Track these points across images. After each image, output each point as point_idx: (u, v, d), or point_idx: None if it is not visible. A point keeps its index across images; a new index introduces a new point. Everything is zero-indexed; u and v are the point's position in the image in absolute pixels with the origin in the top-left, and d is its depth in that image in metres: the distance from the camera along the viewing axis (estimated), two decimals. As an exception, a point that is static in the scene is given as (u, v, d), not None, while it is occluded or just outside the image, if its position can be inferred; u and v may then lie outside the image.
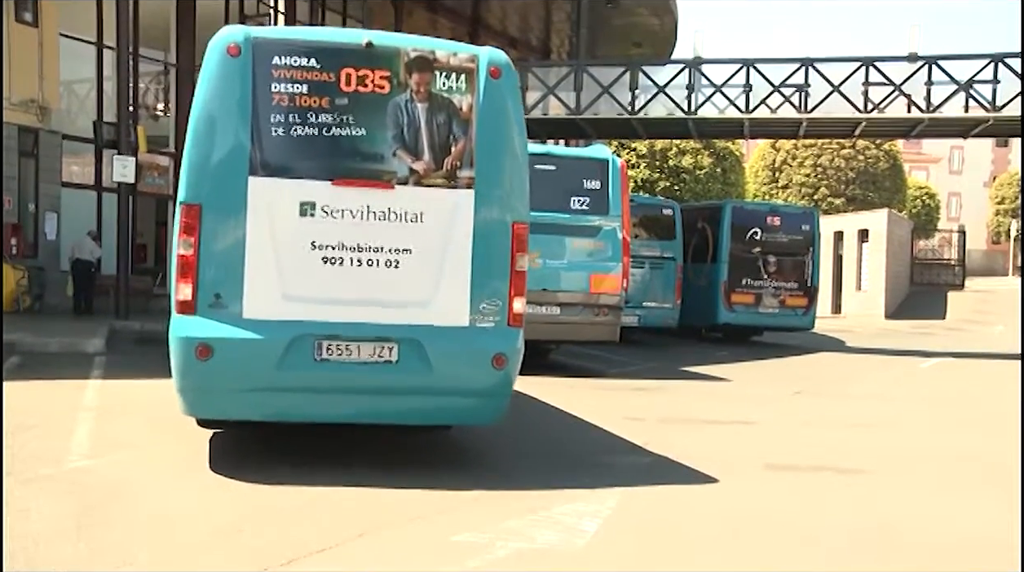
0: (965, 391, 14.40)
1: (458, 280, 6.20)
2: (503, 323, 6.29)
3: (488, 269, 6.25)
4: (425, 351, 6.10)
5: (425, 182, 6.17)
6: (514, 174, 6.35)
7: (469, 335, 6.21)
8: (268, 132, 6.00)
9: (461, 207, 6.20)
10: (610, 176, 13.68)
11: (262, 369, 5.92)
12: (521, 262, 6.31)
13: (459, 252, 6.20)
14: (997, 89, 21.01)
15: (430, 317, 6.16)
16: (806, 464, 7.60)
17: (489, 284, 6.25)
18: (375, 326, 6.07)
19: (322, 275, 6.02)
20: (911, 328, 28.96)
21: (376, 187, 6.10)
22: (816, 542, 5.31)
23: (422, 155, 6.18)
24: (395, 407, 6.23)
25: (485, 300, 6.23)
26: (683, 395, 12.05)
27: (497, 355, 6.20)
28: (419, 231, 6.15)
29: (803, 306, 21.25)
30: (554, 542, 4.98)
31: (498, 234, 6.27)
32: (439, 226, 6.17)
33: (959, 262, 40.98)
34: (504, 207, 6.29)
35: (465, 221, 6.20)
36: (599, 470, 6.91)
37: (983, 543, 5.44)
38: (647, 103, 22.95)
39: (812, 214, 22.36)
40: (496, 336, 6.25)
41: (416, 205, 6.14)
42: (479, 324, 6.23)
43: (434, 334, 6.13)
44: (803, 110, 22.21)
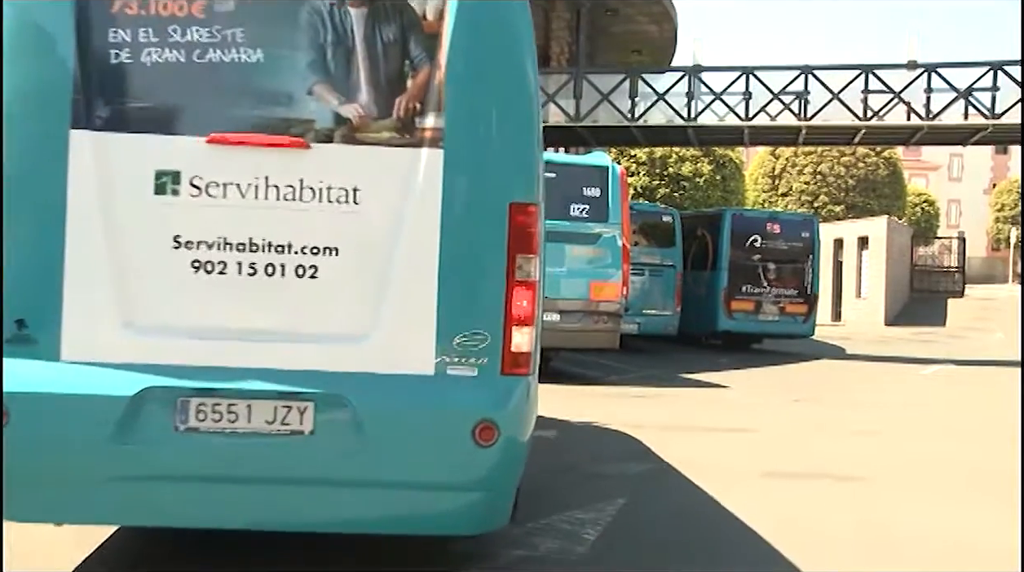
0: (965, 399, 14.39)
1: (416, 299, 3.88)
2: (493, 370, 3.91)
3: (467, 281, 3.94)
4: (358, 416, 3.80)
5: (362, 137, 3.92)
6: (515, 125, 4.00)
7: (434, 390, 3.86)
8: (104, 57, 3.84)
9: (422, 178, 3.89)
10: (610, 183, 13.70)
11: (89, 444, 3.76)
12: (526, 268, 3.97)
13: (418, 253, 3.88)
14: (996, 97, 21.03)
15: (368, 360, 3.86)
16: (806, 472, 7.59)
17: (469, 305, 3.93)
18: (276, 375, 3.83)
19: (190, 292, 3.84)
20: (911, 335, 28.96)
21: (280, 146, 3.86)
22: (816, 549, 5.31)
23: (357, 93, 3.93)
24: (313, 508, 3.90)
25: (462, 332, 3.89)
26: (683, 402, 12.05)
27: (482, 423, 3.83)
28: (352, 219, 3.88)
29: (803, 313, 21.24)
30: (554, 550, 4.98)
31: (485, 222, 3.95)
32: (385, 210, 3.89)
33: (959, 269, 40.95)
34: (496, 178, 3.95)
35: (428, 201, 3.88)
36: (599, 478, 6.91)
37: (982, 550, 5.44)
38: (647, 110, 22.96)
39: (812, 221, 22.36)
40: (480, 391, 3.89)
41: (347, 176, 3.89)
42: (452, 371, 3.89)
43: (374, 388, 3.84)
44: (802, 117, 22.23)
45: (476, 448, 3.85)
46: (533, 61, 4.12)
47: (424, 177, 3.90)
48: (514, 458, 4.05)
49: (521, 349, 3.98)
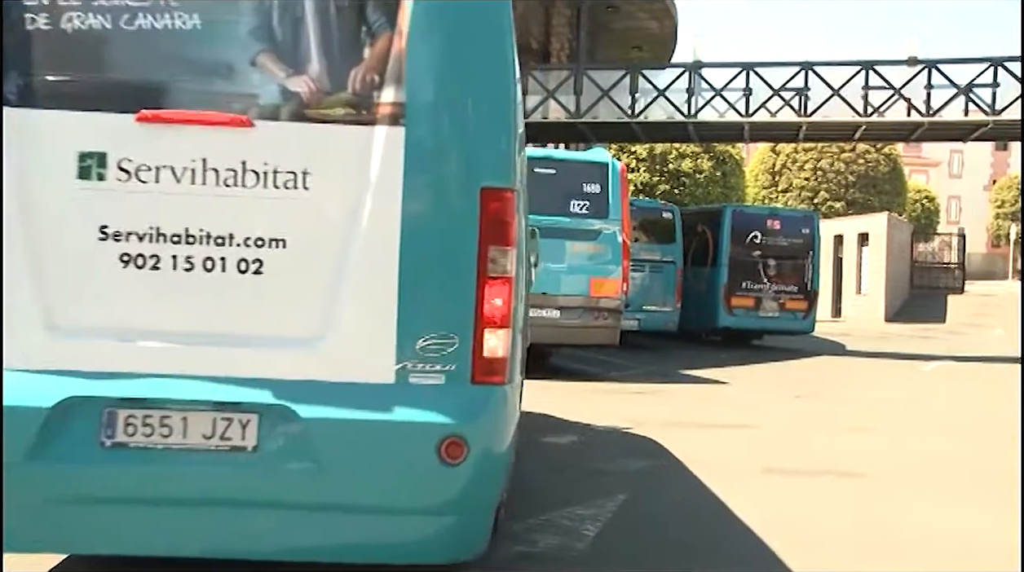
0: (965, 395, 14.40)
1: (373, 297, 3.47)
2: (462, 377, 3.48)
3: (432, 276, 3.51)
4: (307, 430, 3.41)
5: (312, 114, 3.49)
6: (488, 99, 3.56)
7: (394, 400, 3.45)
8: (18, 23, 3.44)
9: (380, 160, 3.46)
10: (610, 180, 13.69)
11: (5, 462, 3.31)
12: (501, 262, 3.52)
13: (376, 244, 3.46)
14: (997, 93, 21.02)
15: (319, 367, 3.46)
16: (806, 468, 7.59)
17: (434, 305, 3.50)
18: (216, 383, 3.43)
19: (119, 289, 3.43)
20: (911, 331, 28.96)
21: (219, 125, 3.45)
22: (817, 546, 5.31)
23: (307, 64, 3.51)
24: (265, 534, 3.50)
25: (427, 335, 3.47)
26: (683, 399, 12.05)
27: (449, 439, 3.41)
28: (301, 206, 3.46)
29: (803, 310, 21.24)
30: (554, 546, 4.98)
31: (452, 210, 3.52)
32: (338, 196, 3.47)
33: (959, 265, 40.95)
34: (465, 159, 3.52)
35: (388, 186, 3.45)
36: (599, 474, 6.91)
37: (982, 548, 5.44)
38: (647, 107, 22.95)
39: (812, 218, 22.35)
40: (447, 402, 3.46)
41: (295, 158, 3.47)
42: (415, 379, 3.46)
43: (325, 398, 3.43)
44: (803, 114, 22.22)
45: (442, 467, 3.41)
46: (510, 27, 3.65)
47: (383, 158, 3.45)
48: (489, 478, 3.59)
49: (495, 354, 3.52)
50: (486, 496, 3.66)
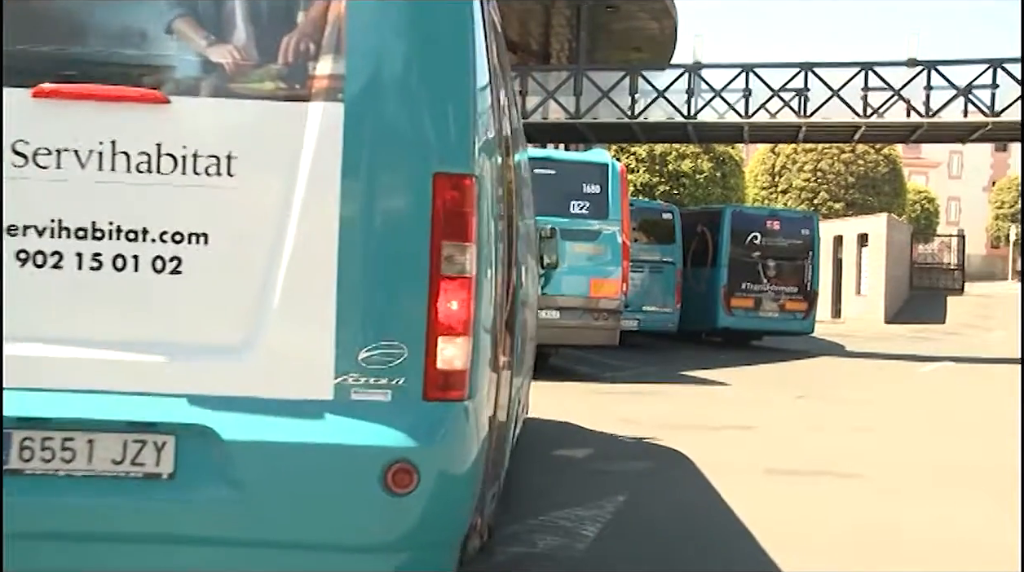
0: (965, 396, 14.40)
1: (309, 301, 3.00)
2: (412, 393, 3.00)
3: (376, 276, 3.03)
4: (231, 454, 2.95)
5: (237, 88, 3.05)
6: (442, 70, 3.08)
7: (332, 420, 2.98)
8: None
9: (316, 141, 2.99)
10: (609, 180, 13.71)
11: None
12: (458, 260, 3.02)
13: (312, 239, 3.00)
14: (996, 94, 21.03)
15: (246, 381, 3.00)
16: (806, 469, 7.60)
17: (379, 309, 3.03)
18: (127, 400, 2.98)
19: (16, 291, 2.98)
20: (910, 332, 28.97)
21: (130, 101, 2.98)
22: (817, 546, 5.31)
23: (231, 31, 3.08)
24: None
25: (370, 344, 2.99)
26: (682, 399, 12.06)
27: (396, 464, 2.93)
28: (225, 196, 3.00)
29: (803, 310, 21.26)
30: (554, 546, 4.98)
31: (400, 199, 3.05)
32: (268, 184, 3.01)
33: (958, 266, 40.96)
34: (415, 140, 3.03)
35: (324, 171, 2.99)
36: (598, 475, 6.91)
37: (982, 548, 5.44)
38: (647, 107, 22.96)
39: (812, 218, 22.39)
40: (394, 422, 2.97)
41: (218, 139, 3.00)
42: (357, 395, 2.99)
43: (252, 418, 2.98)
44: (802, 115, 22.23)
45: (388, 497, 2.91)
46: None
47: (319, 139, 2.97)
48: (447, 509, 3.07)
49: (452, 366, 3.01)
50: (445, 530, 3.13)
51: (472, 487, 3.21)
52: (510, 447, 5.15)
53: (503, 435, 4.18)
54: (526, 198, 6.29)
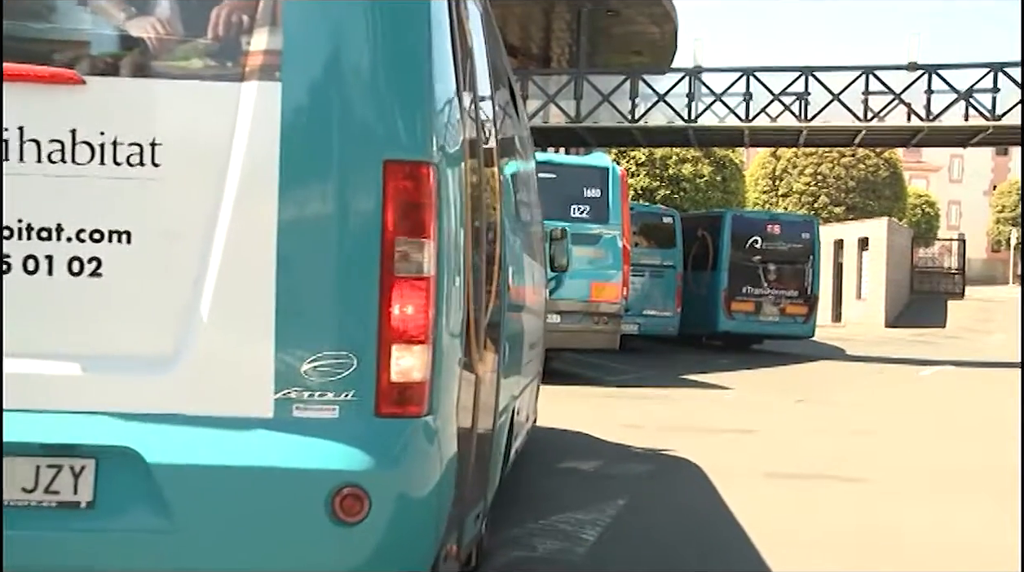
0: (965, 400, 14.39)
1: (244, 306, 2.70)
2: (362, 408, 2.69)
3: (320, 278, 2.73)
4: (158, 480, 2.63)
5: (162, 67, 2.74)
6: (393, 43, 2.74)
7: (271, 440, 2.67)
8: None
9: (250, 126, 2.68)
10: (610, 184, 13.71)
11: None
12: (415, 259, 2.70)
13: (247, 236, 2.69)
14: (997, 98, 21.04)
15: (175, 397, 2.68)
16: (807, 472, 7.59)
17: (323, 315, 2.73)
18: (40, 420, 2.65)
19: None
20: (911, 336, 28.96)
21: (39, 81, 2.64)
22: (817, 550, 5.30)
23: (152, 4, 2.79)
24: None
25: (314, 354, 2.68)
26: (683, 403, 12.05)
27: (343, 489, 2.62)
28: (149, 189, 2.68)
29: (803, 314, 21.25)
30: (554, 550, 4.97)
31: (347, 192, 2.72)
32: (198, 175, 2.70)
33: (959, 270, 40.98)
34: (362, 123, 2.71)
35: (260, 159, 2.67)
36: (599, 478, 6.91)
37: (982, 551, 5.43)
38: (647, 111, 22.96)
39: (812, 223, 22.40)
40: (342, 441, 2.67)
41: (141, 125, 2.68)
42: (300, 412, 2.68)
43: (181, 438, 2.66)
44: (803, 119, 22.22)
45: (336, 526, 2.61)
46: None
47: (254, 123, 2.66)
48: (405, 538, 2.73)
49: (410, 377, 2.69)
50: (405, 561, 2.78)
51: (435, 512, 2.83)
52: (504, 460, 4.81)
53: (488, 450, 3.85)
54: (526, 197, 6.06)
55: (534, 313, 6.14)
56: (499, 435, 4.25)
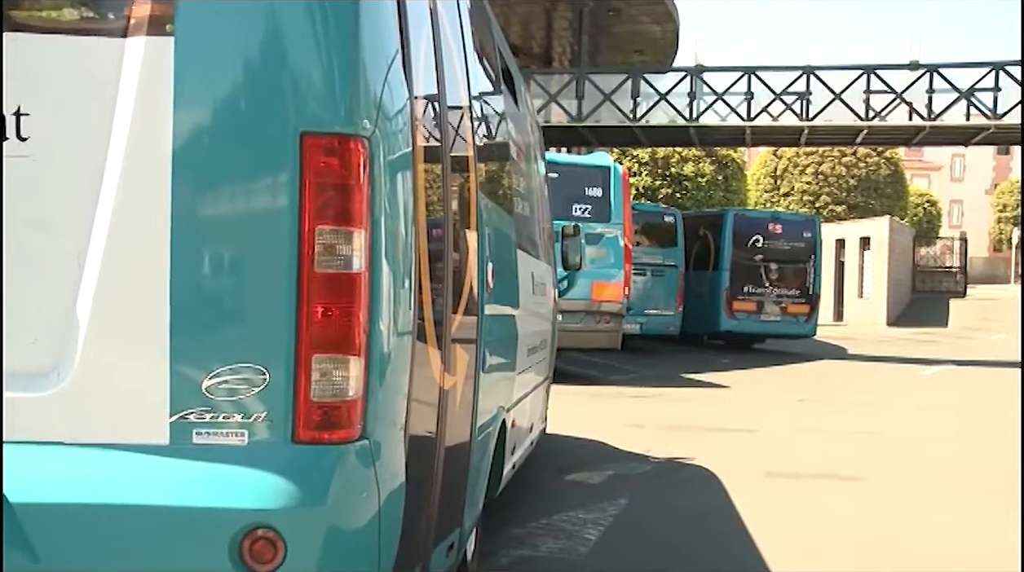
0: (967, 399, 14.38)
1: (132, 310, 2.26)
2: (278, 433, 2.26)
3: (224, 277, 2.31)
4: (24, 523, 2.17)
5: (28, 20, 2.31)
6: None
7: (167, 472, 2.24)
8: None
9: (136, 91, 2.23)
10: (612, 183, 13.72)
11: None
12: (340, 251, 2.27)
13: (135, 228, 2.25)
14: (998, 97, 21.02)
15: (49, 421, 2.25)
16: (808, 472, 7.60)
17: (228, 321, 2.30)
18: None
19: None
20: (913, 336, 28.94)
21: None
22: (818, 550, 5.31)
23: None
24: None
25: (217, 368, 2.24)
26: (685, 402, 12.05)
27: (253, 532, 2.19)
28: (18, 168, 2.24)
29: (805, 313, 21.25)
30: (556, 550, 4.98)
31: (256, 170, 2.29)
32: (76, 152, 2.26)
33: (961, 269, 40.93)
34: (275, 89, 2.28)
35: (149, 131, 2.23)
36: (601, 478, 6.92)
37: (983, 551, 5.44)
38: (649, 111, 22.95)
39: (814, 222, 22.40)
40: (251, 473, 2.24)
41: (5, 91, 2.23)
42: (202, 438, 2.25)
43: (57, 470, 2.24)
44: (804, 118, 22.21)
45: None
46: None
47: (141, 88, 2.21)
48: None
49: (337, 395, 2.26)
50: None
51: (374, 555, 2.37)
52: (495, 477, 4.36)
53: (463, 469, 3.46)
54: (525, 192, 5.65)
55: (536, 314, 5.83)
56: (480, 451, 3.79)
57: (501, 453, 4.52)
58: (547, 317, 6.71)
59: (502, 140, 4.90)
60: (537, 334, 5.91)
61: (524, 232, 5.37)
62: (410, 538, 2.63)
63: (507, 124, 5.05)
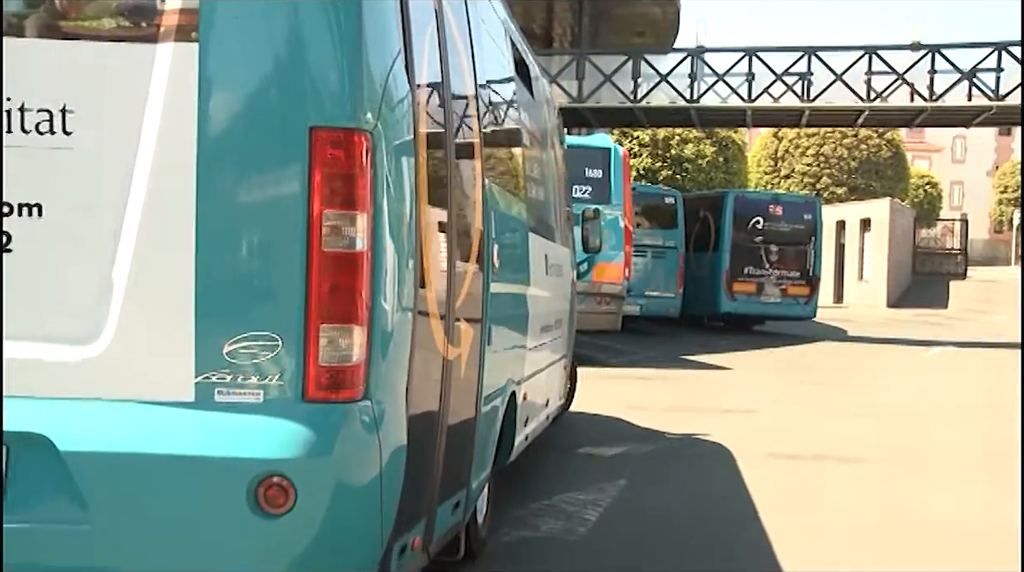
0: (967, 381, 14.40)
1: (162, 283, 2.57)
2: (290, 392, 2.57)
3: (242, 253, 2.60)
4: (70, 469, 2.51)
5: (72, 27, 2.60)
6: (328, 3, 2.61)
7: (192, 426, 2.55)
8: None
9: (166, 90, 2.55)
10: (612, 165, 13.69)
11: None
12: (346, 233, 2.57)
13: (165, 209, 2.56)
14: (1000, 77, 20.94)
15: (90, 380, 2.56)
16: (808, 453, 7.61)
17: (246, 293, 2.60)
18: None
19: None
20: (913, 317, 28.94)
21: None
22: (818, 531, 5.33)
23: None
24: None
25: (236, 335, 2.55)
26: (685, 384, 12.07)
27: (267, 479, 2.50)
28: (61, 158, 2.57)
29: (805, 295, 21.24)
30: (556, 530, 5.00)
31: (269, 161, 2.60)
32: (112, 143, 2.57)
33: (961, 251, 40.89)
34: (287, 89, 2.60)
35: (177, 126, 2.55)
36: (601, 459, 6.93)
37: (983, 531, 5.45)
38: (649, 92, 22.89)
39: (814, 203, 22.37)
40: (266, 427, 2.55)
41: (50, 90, 2.56)
42: (223, 396, 2.56)
43: (95, 424, 2.55)
44: (805, 99, 22.15)
45: (260, 518, 2.47)
46: None
47: (169, 88, 2.52)
48: (340, 531, 2.58)
49: (342, 360, 2.55)
50: (342, 556, 2.63)
51: (377, 504, 2.65)
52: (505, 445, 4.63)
53: (470, 434, 3.71)
54: (539, 177, 5.84)
55: (550, 294, 5.94)
56: (488, 419, 4.05)
57: (512, 423, 4.75)
58: (563, 298, 6.83)
59: (512, 128, 5.03)
60: (551, 313, 6.06)
61: (537, 216, 5.52)
62: (415, 493, 2.90)
63: (518, 113, 5.17)
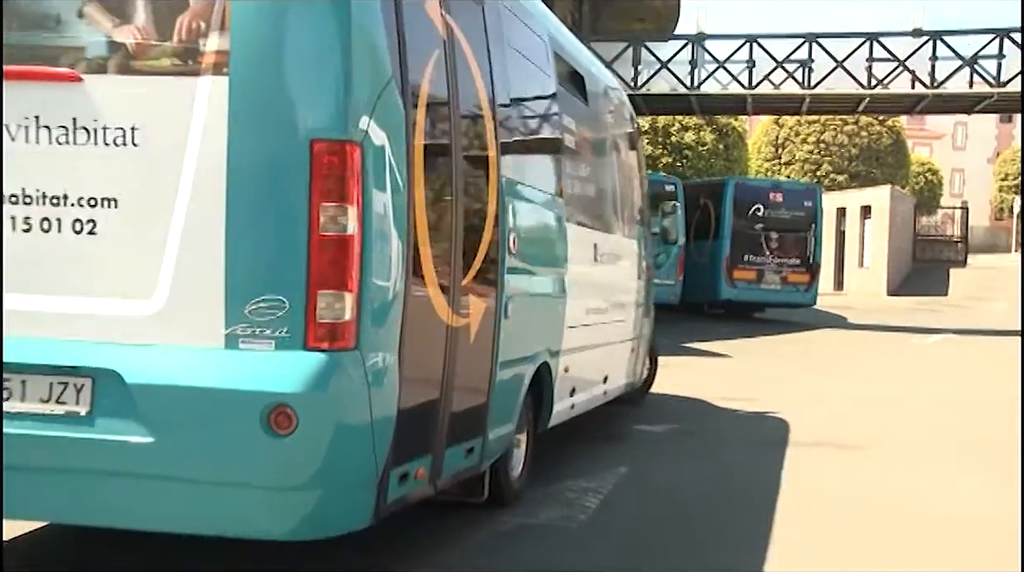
0: (968, 368, 14.41)
1: (201, 258, 3.34)
2: (294, 343, 3.29)
3: (260, 236, 3.35)
4: (135, 397, 3.32)
5: (139, 66, 3.41)
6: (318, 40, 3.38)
7: (222, 366, 3.32)
8: None
9: (205, 112, 3.33)
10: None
11: None
12: (339, 221, 3.31)
13: (203, 202, 3.33)
14: (1002, 64, 20.89)
15: (150, 331, 3.37)
16: (808, 441, 7.61)
17: (262, 266, 3.34)
18: (52, 346, 3.40)
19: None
20: (913, 305, 28.95)
21: (50, 79, 3.40)
22: (818, 518, 5.33)
23: (133, 13, 3.43)
24: (107, 501, 3.44)
25: (255, 298, 3.30)
26: (685, 371, 12.07)
27: (276, 407, 3.23)
28: (131, 163, 3.38)
29: (805, 282, 21.24)
30: (555, 518, 5.00)
31: (280, 165, 3.34)
32: (166, 152, 3.36)
33: (962, 239, 40.87)
34: (292, 108, 3.35)
35: (212, 139, 3.32)
36: (600, 446, 6.93)
37: (982, 518, 5.46)
38: (650, 79, 22.83)
39: (815, 190, 22.34)
40: (275, 369, 3.28)
41: (124, 113, 3.38)
42: (246, 345, 3.31)
43: (151, 363, 3.35)
44: (806, 86, 22.09)
45: (269, 438, 3.23)
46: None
47: (208, 110, 3.32)
48: (334, 452, 3.32)
49: (337, 318, 3.29)
50: (340, 469, 3.37)
51: (367, 433, 3.41)
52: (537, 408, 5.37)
53: (486, 390, 4.44)
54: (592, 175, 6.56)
55: (603, 280, 6.73)
56: (509, 381, 4.76)
57: (549, 390, 5.49)
58: (625, 285, 7.56)
59: (549, 136, 5.65)
60: (605, 297, 6.79)
61: (585, 210, 6.23)
62: (415, 431, 3.69)
63: (561, 120, 5.74)
